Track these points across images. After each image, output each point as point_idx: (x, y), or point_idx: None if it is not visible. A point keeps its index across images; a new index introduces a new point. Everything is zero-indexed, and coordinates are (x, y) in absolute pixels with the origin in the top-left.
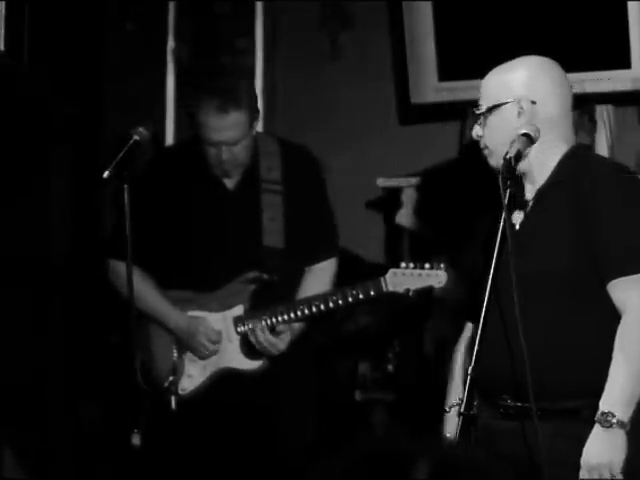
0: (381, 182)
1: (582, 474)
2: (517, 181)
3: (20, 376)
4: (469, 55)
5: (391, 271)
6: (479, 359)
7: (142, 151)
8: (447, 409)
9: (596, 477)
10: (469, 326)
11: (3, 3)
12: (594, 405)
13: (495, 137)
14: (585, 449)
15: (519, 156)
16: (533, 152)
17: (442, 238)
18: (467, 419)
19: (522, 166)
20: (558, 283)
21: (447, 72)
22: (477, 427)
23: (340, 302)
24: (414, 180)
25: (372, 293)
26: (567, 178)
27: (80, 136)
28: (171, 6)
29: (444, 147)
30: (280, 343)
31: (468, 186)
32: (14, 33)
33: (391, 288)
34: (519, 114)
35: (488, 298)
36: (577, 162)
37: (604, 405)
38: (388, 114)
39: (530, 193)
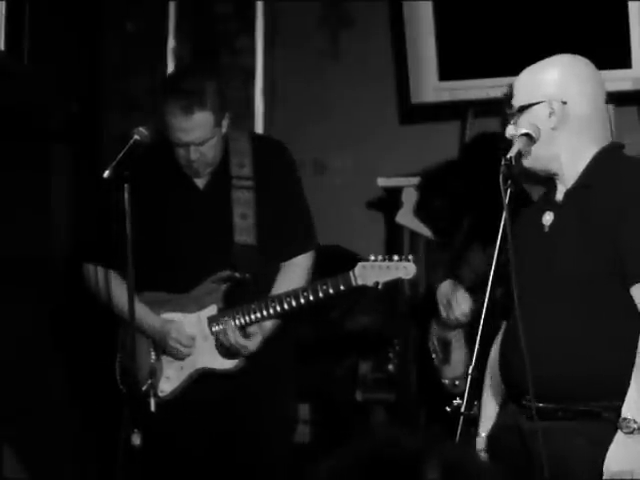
0: (381, 182)
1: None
2: (520, 181)
3: (20, 376)
4: (469, 55)
5: (360, 264)
6: (479, 359)
7: (142, 151)
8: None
9: None
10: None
11: (3, 3)
12: (614, 407)
13: None
14: (607, 455)
15: (519, 156)
16: (564, 153)
17: (442, 238)
18: (467, 419)
19: (554, 167)
20: (586, 285)
21: (447, 72)
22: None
23: (311, 297)
24: (414, 180)
25: (342, 287)
26: (597, 179)
27: (80, 136)
28: (171, 6)
29: (444, 147)
30: (250, 344)
31: (468, 186)
32: (14, 33)
33: (360, 281)
34: (550, 114)
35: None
36: (607, 163)
37: (625, 411)
38: (388, 114)
39: (561, 194)
